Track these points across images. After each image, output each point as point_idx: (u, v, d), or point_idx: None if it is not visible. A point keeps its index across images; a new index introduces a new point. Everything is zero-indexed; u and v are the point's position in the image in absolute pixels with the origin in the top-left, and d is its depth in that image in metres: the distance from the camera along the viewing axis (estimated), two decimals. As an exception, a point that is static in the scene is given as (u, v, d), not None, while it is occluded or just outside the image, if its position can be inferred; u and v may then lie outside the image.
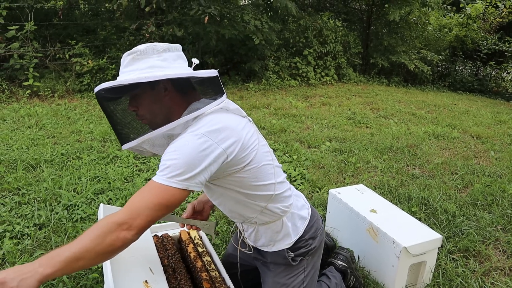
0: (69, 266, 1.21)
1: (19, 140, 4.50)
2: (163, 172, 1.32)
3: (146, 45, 1.41)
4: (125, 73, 1.41)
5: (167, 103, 1.47)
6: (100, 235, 1.25)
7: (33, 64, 6.66)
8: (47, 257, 1.22)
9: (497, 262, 2.58)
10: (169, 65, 1.43)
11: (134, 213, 1.29)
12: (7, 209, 3.03)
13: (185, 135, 1.38)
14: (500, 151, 4.87)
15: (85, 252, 1.23)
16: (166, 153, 1.36)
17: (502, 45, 11.66)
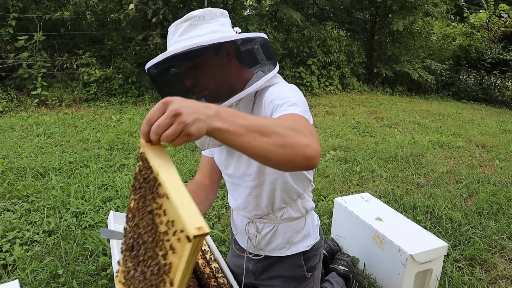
0: (243, 134, 0.92)
1: (28, 148, 4.56)
2: (293, 107, 1.19)
3: (202, 10, 1.33)
4: (185, 41, 1.29)
5: (232, 70, 1.38)
6: (296, 131, 1.02)
7: (42, 74, 6.75)
8: (229, 111, 0.94)
9: (504, 270, 2.59)
10: (227, 30, 1.37)
11: (314, 134, 1.08)
12: (17, 216, 3.07)
13: (279, 86, 1.33)
14: (505, 160, 4.88)
15: (277, 132, 0.97)
16: (276, 96, 1.26)
17: (506, 54, 11.68)
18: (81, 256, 2.61)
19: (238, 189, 1.61)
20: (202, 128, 0.87)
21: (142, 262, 0.95)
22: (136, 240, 1.00)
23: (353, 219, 2.57)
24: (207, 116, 0.88)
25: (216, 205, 3.35)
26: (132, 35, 8.17)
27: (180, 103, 0.86)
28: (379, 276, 2.37)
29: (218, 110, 0.91)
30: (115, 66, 7.67)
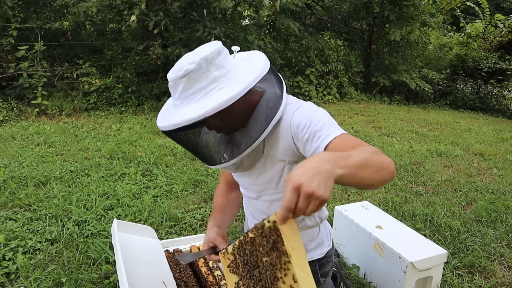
0: (356, 172, 1.04)
1: (29, 157, 4.58)
2: (332, 128, 1.27)
3: (194, 60, 1.27)
4: (186, 99, 1.30)
5: (243, 105, 1.35)
6: (376, 151, 1.15)
7: (42, 83, 6.79)
8: (339, 157, 1.03)
9: (503, 277, 2.62)
10: (230, 70, 1.33)
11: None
12: (19, 225, 3.09)
13: (306, 105, 1.36)
14: (503, 168, 4.93)
15: (369, 160, 1.09)
16: (306, 122, 1.30)
17: (503, 63, 11.80)
18: (84, 264, 2.62)
19: (255, 202, 1.65)
20: (331, 185, 0.96)
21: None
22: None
23: (354, 227, 2.60)
24: (330, 172, 0.96)
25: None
26: (132, 45, 8.23)
27: (307, 180, 0.92)
28: (380, 283, 2.39)
29: (334, 160, 1.00)
30: (115, 75, 7.72)
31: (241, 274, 1.32)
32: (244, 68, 1.35)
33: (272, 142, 1.42)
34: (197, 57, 1.28)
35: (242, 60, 1.43)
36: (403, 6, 9.69)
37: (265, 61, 1.38)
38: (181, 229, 3.14)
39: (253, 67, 1.34)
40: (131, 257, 1.95)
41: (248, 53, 1.51)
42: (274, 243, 1.09)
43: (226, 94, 1.24)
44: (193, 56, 1.31)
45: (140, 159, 4.60)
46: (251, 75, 1.29)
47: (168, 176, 4.15)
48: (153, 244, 2.24)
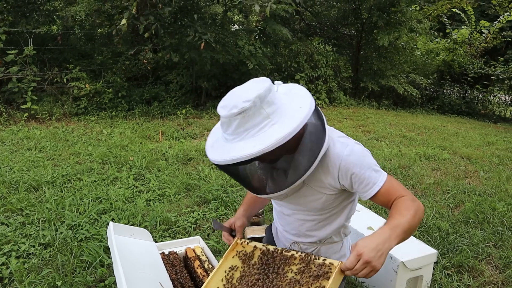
0: (402, 237, 1.32)
1: (19, 162, 4.56)
2: (377, 173, 1.48)
3: (249, 98, 1.33)
4: (240, 135, 1.37)
5: (294, 136, 1.40)
6: (416, 210, 1.38)
7: (32, 88, 6.76)
8: (391, 227, 1.31)
9: (490, 276, 2.69)
10: (280, 106, 1.40)
11: (406, 189, 1.48)
12: (12, 229, 3.08)
13: (354, 149, 1.48)
14: (489, 171, 5.04)
15: (413, 223, 1.35)
16: (359, 167, 1.46)
17: (488, 69, 12.04)
18: (79, 268, 2.63)
19: (287, 218, 1.77)
20: (385, 259, 1.26)
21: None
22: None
23: (346, 229, 2.64)
24: (387, 248, 1.26)
25: (210, 217, 3.40)
26: (122, 50, 8.23)
27: (369, 252, 1.23)
28: (372, 283, 2.44)
29: (390, 236, 1.28)
30: (105, 80, 7.72)
31: (251, 266, 1.58)
32: (292, 103, 1.43)
33: (314, 173, 1.50)
34: (251, 95, 1.33)
35: (285, 94, 1.49)
36: (391, 12, 9.85)
37: (310, 96, 1.46)
38: (175, 232, 3.16)
39: (301, 102, 1.42)
40: (128, 259, 1.97)
41: (287, 86, 1.57)
42: (317, 276, 1.39)
43: (282, 130, 1.32)
44: (246, 93, 1.36)
45: (132, 164, 4.61)
46: (302, 111, 1.37)
47: (160, 180, 4.16)
48: (148, 246, 2.27)
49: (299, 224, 1.72)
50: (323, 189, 1.56)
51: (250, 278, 1.54)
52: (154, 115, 7.34)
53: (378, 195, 1.47)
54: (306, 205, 1.64)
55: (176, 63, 7.59)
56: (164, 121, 7.11)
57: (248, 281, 1.53)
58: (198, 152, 5.15)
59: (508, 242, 3.14)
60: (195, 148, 5.31)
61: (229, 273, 1.61)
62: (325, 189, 1.56)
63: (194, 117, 7.52)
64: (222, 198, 3.72)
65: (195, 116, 7.59)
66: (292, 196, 1.64)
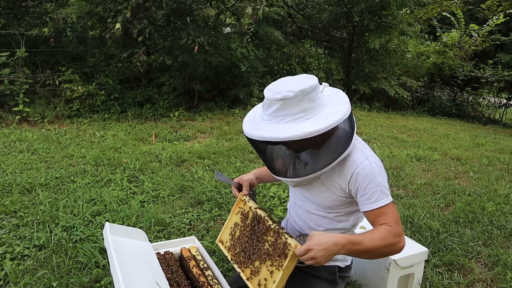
0: (355, 254, 1.51)
1: (12, 165, 4.55)
2: (383, 195, 1.57)
3: (294, 89, 1.47)
4: (276, 118, 1.51)
5: (322, 134, 1.53)
6: (389, 244, 1.51)
7: (24, 90, 6.73)
8: (351, 241, 1.46)
9: (480, 274, 2.75)
10: (319, 104, 1.53)
11: (400, 224, 1.58)
12: (6, 231, 3.08)
13: (371, 162, 1.59)
14: (479, 172, 5.12)
15: (374, 252, 1.51)
16: (369, 180, 1.57)
17: (477, 71, 12.21)
18: (74, 269, 2.64)
19: (297, 209, 1.92)
20: (330, 259, 1.45)
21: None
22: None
23: (339, 228, 2.68)
24: (335, 253, 1.44)
25: (204, 218, 3.43)
26: (116, 52, 8.23)
27: (318, 251, 1.41)
28: (364, 282, 2.49)
29: (343, 245, 1.44)
30: (98, 82, 7.71)
31: (246, 227, 1.83)
32: (330, 106, 1.56)
33: (330, 172, 1.66)
34: (296, 88, 1.48)
35: (328, 96, 1.63)
36: (382, 16, 9.95)
37: (348, 104, 1.58)
38: (169, 233, 3.18)
39: (338, 108, 1.55)
40: (124, 258, 1.99)
41: (333, 90, 1.70)
42: (280, 254, 1.58)
43: (312, 126, 1.46)
44: (293, 84, 1.51)
45: (125, 166, 4.62)
46: (336, 115, 1.50)
47: (154, 182, 4.18)
48: (144, 246, 2.29)
49: (307, 217, 1.85)
50: (335, 189, 1.68)
51: (244, 239, 1.82)
52: (147, 117, 7.35)
53: (371, 213, 1.58)
54: (316, 199, 1.77)
55: (169, 65, 7.60)
56: (157, 123, 7.12)
57: (242, 241, 1.82)
58: (191, 154, 5.17)
59: (497, 241, 3.21)
60: (188, 150, 5.34)
61: (234, 229, 1.90)
62: (336, 189, 1.68)
63: (187, 119, 7.54)
64: (216, 199, 3.75)
65: (188, 118, 7.61)
66: (306, 187, 1.78)
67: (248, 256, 1.76)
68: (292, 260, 1.54)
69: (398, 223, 1.57)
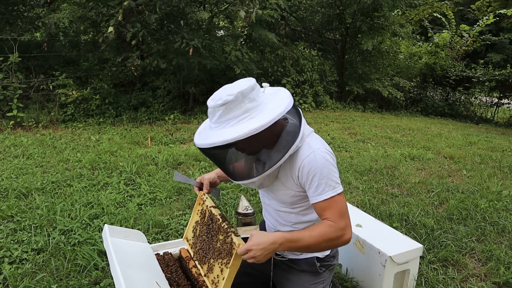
0: (295, 250, 1.63)
1: (7, 170, 4.54)
2: (329, 188, 1.61)
3: (233, 92, 1.52)
4: (222, 124, 1.55)
5: (270, 132, 1.59)
6: (330, 239, 1.58)
7: (17, 95, 6.72)
8: (288, 239, 1.56)
9: (474, 269, 2.79)
10: (260, 103, 1.58)
11: (345, 217, 1.62)
12: (3, 236, 3.08)
13: (316, 155, 1.60)
14: (471, 170, 5.19)
15: (314, 247, 1.61)
16: (313, 174, 1.60)
17: (469, 71, 12.34)
18: (73, 271, 2.65)
19: (267, 207, 1.98)
20: (269, 257, 1.55)
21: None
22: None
23: (335, 227, 2.72)
24: (273, 250, 1.54)
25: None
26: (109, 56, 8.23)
27: (257, 251, 1.51)
28: (361, 278, 2.52)
29: (282, 244, 1.55)
30: (92, 87, 7.71)
31: (204, 225, 1.95)
32: (272, 103, 1.60)
33: (284, 169, 1.71)
34: (235, 90, 1.53)
35: (270, 95, 1.68)
36: (374, 17, 10.04)
37: (290, 98, 1.63)
38: (167, 235, 3.21)
39: (280, 102, 1.59)
40: (124, 260, 2.02)
41: (275, 89, 1.76)
42: (227, 252, 1.69)
43: (256, 123, 1.50)
44: (231, 88, 1.56)
45: (122, 169, 4.64)
46: (278, 109, 1.55)
47: (151, 184, 4.20)
48: (143, 247, 2.31)
49: (276, 214, 1.91)
50: (291, 185, 1.73)
51: (202, 237, 1.95)
52: (142, 121, 7.36)
53: (316, 206, 1.64)
54: (278, 197, 1.83)
55: (163, 69, 7.62)
56: (152, 126, 7.13)
57: (201, 239, 1.95)
58: (187, 157, 5.19)
59: (490, 237, 3.26)
60: (184, 153, 5.36)
61: (195, 227, 2.04)
62: (292, 185, 1.73)
63: (182, 122, 7.56)
64: (213, 199, 3.77)
65: (183, 121, 7.63)
66: (269, 187, 1.83)
67: (205, 254, 1.88)
68: (236, 259, 1.61)
69: (343, 216, 1.61)
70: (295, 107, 1.74)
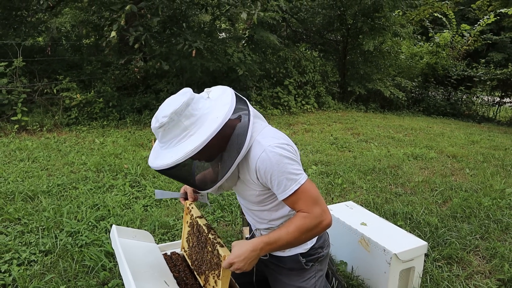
0: (278, 250, 1.63)
1: (13, 173, 4.58)
2: (291, 182, 1.57)
3: (166, 114, 1.48)
4: (166, 144, 1.55)
5: (218, 139, 1.55)
6: (309, 229, 1.58)
7: (22, 99, 6.77)
8: (267, 242, 1.57)
9: (478, 266, 2.81)
10: (200, 116, 1.53)
11: (319, 203, 1.59)
12: (11, 238, 3.11)
13: (268, 153, 1.55)
14: (474, 168, 5.21)
15: (296, 242, 1.62)
16: (270, 173, 1.56)
17: (470, 71, 12.35)
18: (81, 272, 2.68)
19: (245, 209, 1.98)
20: (254, 263, 1.58)
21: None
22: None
23: (340, 225, 2.75)
24: (256, 257, 1.57)
25: (208, 219, 3.48)
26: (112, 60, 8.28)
27: (239, 263, 1.55)
28: (367, 276, 2.54)
29: (260, 248, 1.56)
30: (95, 90, 7.75)
31: (193, 235, 2.02)
32: (213, 113, 1.54)
33: (243, 171, 1.68)
34: (168, 111, 1.49)
35: (214, 101, 1.61)
36: (375, 18, 10.07)
37: (230, 105, 1.55)
38: (174, 235, 3.23)
39: (220, 112, 1.52)
40: (133, 259, 2.04)
41: (221, 91, 1.68)
42: (216, 264, 1.74)
43: (195, 141, 1.47)
44: (166, 109, 1.51)
45: (127, 171, 4.67)
46: (216, 122, 1.48)
47: (156, 186, 4.23)
48: (151, 247, 2.34)
49: (251, 213, 1.91)
50: (253, 185, 1.70)
51: (195, 248, 1.99)
52: (145, 123, 7.40)
53: (286, 201, 1.62)
54: (246, 197, 1.82)
55: (166, 71, 7.66)
56: (155, 129, 7.16)
57: (194, 250, 2.01)
58: (191, 158, 5.21)
59: (494, 234, 3.28)
60: (188, 155, 5.38)
61: (188, 238, 2.10)
62: (254, 185, 1.69)
63: (185, 124, 7.58)
64: (219, 201, 3.80)
65: (186, 123, 7.65)
66: (235, 189, 1.83)
67: (199, 265, 1.93)
68: (225, 270, 1.64)
69: (315, 203, 1.58)
70: (245, 103, 1.69)
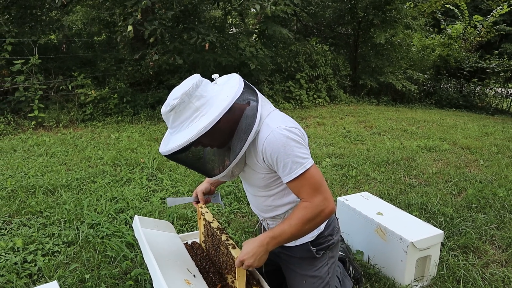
0: (285, 242, 1.66)
1: (33, 168, 4.69)
2: (297, 165, 1.58)
3: (177, 95, 1.52)
4: (178, 127, 1.58)
5: (228, 121, 1.60)
6: (311, 219, 1.61)
7: (38, 96, 6.90)
8: (272, 236, 1.63)
9: (494, 255, 2.83)
10: (209, 98, 1.57)
11: (321, 190, 1.62)
12: (34, 230, 3.21)
13: (275, 134, 1.57)
14: (488, 160, 5.19)
15: (300, 233, 1.65)
16: (277, 154, 1.57)
17: (483, 62, 12.21)
18: (103, 262, 2.76)
19: (252, 197, 1.99)
20: (265, 258, 1.65)
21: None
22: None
23: (356, 215, 2.79)
24: (264, 252, 1.63)
25: (225, 211, 3.54)
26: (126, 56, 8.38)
27: (249, 259, 1.62)
28: (384, 265, 2.58)
29: (269, 243, 1.63)
30: (109, 86, 7.86)
31: (208, 237, 2.12)
32: (222, 93, 1.59)
33: (249, 155, 1.70)
34: (179, 93, 1.54)
35: (221, 85, 1.67)
36: (386, 10, 10.02)
37: (239, 85, 1.61)
38: (192, 227, 3.30)
39: (228, 92, 1.58)
40: (156, 248, 2.11)
41: (226, 77, 1.75)
42: (232, 262, 1.78)
43: (206, 120, 1.50)
44: (176, 92, 1.56)
45: (143, 165, 4.75)
46: (226, 100, 1.53)
47: (173, 179, 4.30)
48: (172, 237, 2.40)
49: (257, 200, 1.92)
50: (259, 168, 1.71)
51: (212, 251, 2.08)
52: (159, 118, 7.48)
53: (290, 185, 1.64)
54: (253, 182, 1.83)
55: (178, 67, 7.73)
56: (169, 124, 7.24)
57: (212, 253, 2.10)
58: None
59: (510, 224, 3.29)
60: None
61: (205, 240, 2.19)
62: (260, 168, 1.71)
63: (198, 119, 7.65)
64: (235, 193, 3.86)
65: (199, 118, 7.72)
66: (242, 175, 1.85)
67: (219, 267, 2.02)
68: (239, 270, 1.71)
69: (317, 191, 1.60)
70: (252, 89, 1.73)
